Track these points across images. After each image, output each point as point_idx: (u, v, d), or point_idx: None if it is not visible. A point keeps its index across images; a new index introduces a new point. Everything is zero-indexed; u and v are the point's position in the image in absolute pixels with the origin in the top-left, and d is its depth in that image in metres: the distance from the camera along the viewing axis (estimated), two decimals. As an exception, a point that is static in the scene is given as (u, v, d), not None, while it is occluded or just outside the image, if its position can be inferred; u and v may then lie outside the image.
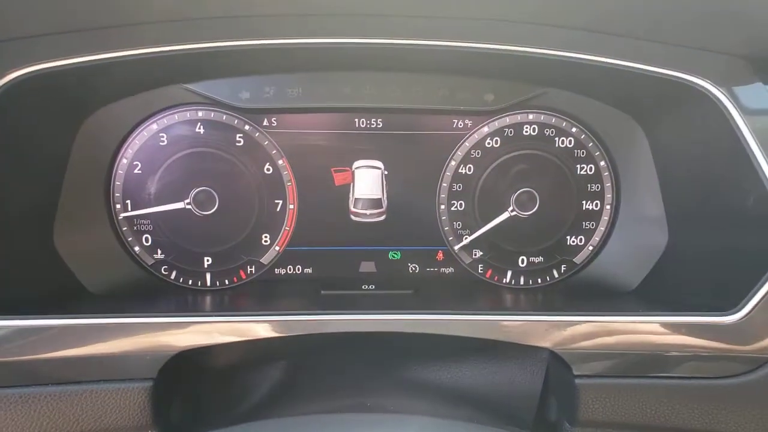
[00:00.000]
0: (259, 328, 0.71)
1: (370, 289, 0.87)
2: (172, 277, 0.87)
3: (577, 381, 0.70)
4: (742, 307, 0.67)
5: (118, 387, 0.66)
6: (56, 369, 0.67)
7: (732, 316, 0.68)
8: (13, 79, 0.67)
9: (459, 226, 0.89)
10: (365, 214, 0.88)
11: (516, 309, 0.82)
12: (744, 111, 0.70)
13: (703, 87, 0.71)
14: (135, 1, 0.67)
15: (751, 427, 0.68)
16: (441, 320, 0.72)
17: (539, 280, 0.91)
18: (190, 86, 0.82)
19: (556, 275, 0.91)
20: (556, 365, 0.73)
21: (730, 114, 0.70)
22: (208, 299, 0.85)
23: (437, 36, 0.71)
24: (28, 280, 0.75)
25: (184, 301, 0.84)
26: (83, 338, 0.68)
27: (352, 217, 0.88)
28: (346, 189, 0.87)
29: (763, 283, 0.66)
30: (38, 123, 0.75)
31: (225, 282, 0.88)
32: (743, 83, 0.72)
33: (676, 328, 0.70)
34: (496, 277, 0.90)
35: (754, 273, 0.68)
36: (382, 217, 0.88)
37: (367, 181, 0.88)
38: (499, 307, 0.82)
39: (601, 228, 0.90)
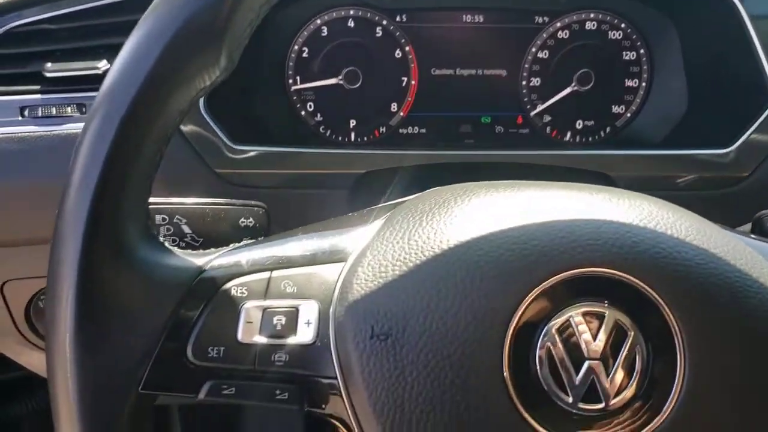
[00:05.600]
0: (392, 161, 1.06)
1: (469, 143, 1.22)
2: (327, 134, 1.21)
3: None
4: (732, 145, 1.01)
5: (326, 192, 1.02)
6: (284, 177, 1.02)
7: (725, 149, 1.02)
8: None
9: (535, 97, 1.21)
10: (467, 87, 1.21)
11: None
12: (751, 15, 1.00)
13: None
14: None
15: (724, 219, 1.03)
16: (517, 154, 1.07)
17: (590, 139, 1.24)
18: (346, -8, 1.13)
19: (602, 135, 1.24)
20: (599, 179, 1.07)
21: (740, 14, 1.01)
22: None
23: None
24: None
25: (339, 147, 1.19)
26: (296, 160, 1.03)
27: (457, 90, 1.21)
28: (454, 67, 1.20)
29: (747, 130, 1.00)
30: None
31: (364, 138, 1.22)
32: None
33: (686, 157, 1.05)
34: (559, 136, 1.23)
35: (744, 125, 1.02)
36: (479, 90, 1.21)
37: (469, 61, 1.20)
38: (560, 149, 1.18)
39: (638, 99, 1.22)
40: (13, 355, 1.13)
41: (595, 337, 0.50)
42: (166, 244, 0.55)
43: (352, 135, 1.21)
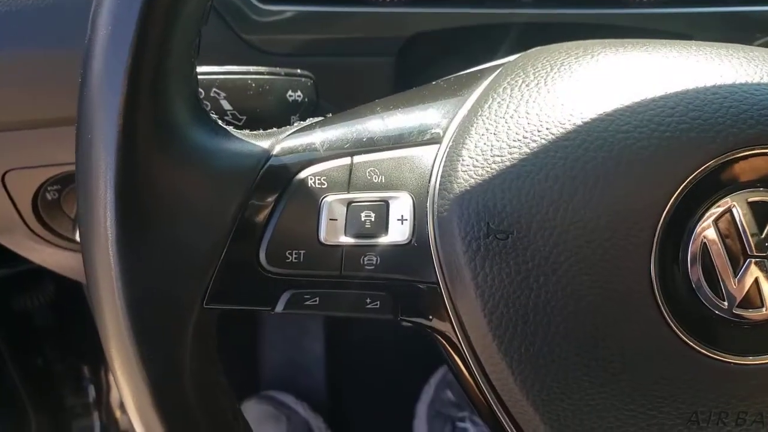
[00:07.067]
0: (439, 21, 0.91)
1: (527, 2, 1.06)
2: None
3: None
4: None
5: (368, 60, 0.89)
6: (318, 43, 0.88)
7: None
8: None
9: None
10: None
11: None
12: None
13: None
14: None
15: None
16: (584, 13, 0.92)
17: None
18: None
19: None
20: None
21: None
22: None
23: None
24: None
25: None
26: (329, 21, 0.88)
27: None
28: None
29: None
30: None
31: (402, -3, 1.06)
32: None
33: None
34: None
35: None
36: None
37: None
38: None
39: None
40: (23, 252, 1.05)
41: (761, 231, 0.41)
42: (221, 123, 0.43)
43: (389, -9, 1.05)
